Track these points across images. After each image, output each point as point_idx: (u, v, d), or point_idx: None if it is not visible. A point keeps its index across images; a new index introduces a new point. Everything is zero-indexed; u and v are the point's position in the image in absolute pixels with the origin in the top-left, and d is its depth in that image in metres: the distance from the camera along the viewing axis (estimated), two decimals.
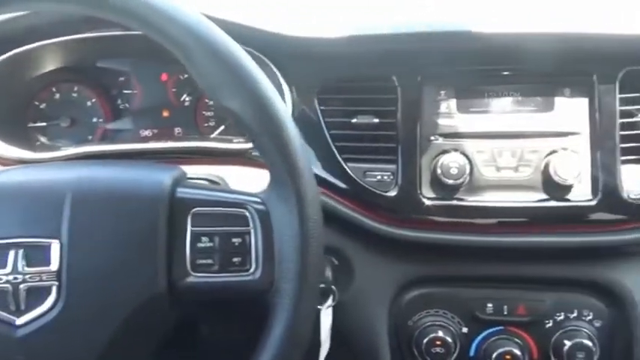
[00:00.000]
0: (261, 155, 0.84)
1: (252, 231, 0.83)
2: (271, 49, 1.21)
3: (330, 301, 1.18)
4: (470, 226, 1.17)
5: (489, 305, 1.21)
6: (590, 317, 1.19)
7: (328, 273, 1.19)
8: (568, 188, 1.14)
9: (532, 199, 1.15)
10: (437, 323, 1.22)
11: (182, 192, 0.85)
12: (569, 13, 1.22)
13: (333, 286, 1.18)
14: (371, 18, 1.27)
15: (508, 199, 1.16)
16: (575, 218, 1.15)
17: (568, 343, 1.15)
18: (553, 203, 1.15)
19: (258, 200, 0.85)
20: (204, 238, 0.81)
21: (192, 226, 0.83)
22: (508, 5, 1.30)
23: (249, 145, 1.22)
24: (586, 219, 1.14)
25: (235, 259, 0.82)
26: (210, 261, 0.82)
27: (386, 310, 1.22)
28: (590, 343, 1.15)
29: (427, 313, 1.23)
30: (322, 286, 1.18)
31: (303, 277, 0.79)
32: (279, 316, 0.78)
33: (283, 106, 0.83)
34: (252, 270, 0.82)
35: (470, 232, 1.16)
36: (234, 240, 0.82)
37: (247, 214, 0.83)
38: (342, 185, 1.19)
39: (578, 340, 1.15)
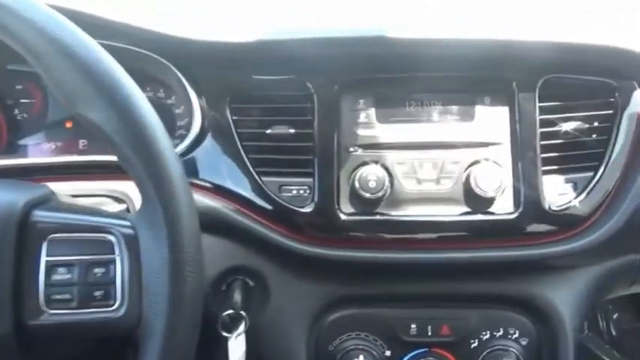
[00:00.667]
0: (128, 171, 0.75)
1: (117, 259, 0.73)
2: (176, 54, 1.13)
3: (240, 329, 1.09)
4: (391, 242, 1.11)
5: (413, 326, 1.16)
6: (516, 335, 1.16)
7: (238, 297, 1.11)
8: (490, 201, 1.10)
9: (454, 212, 1.11)
10: (359, 347, 1.16)
11: (39, 215, 0.75)
12: (491, 19, 1.18)
13: (243, 312, 1.09)
14: (289, 21, 1.21)
15: (429, 213, 1.12)
16: (497, 232, 1.11)
17: None
18: (475, 217, 1.11)
19: (127, 224, 0.75)
20: (61, 269, 0.71)
21: (47, 255, 0.72)
22: (431, 10, 1.26)
23: None
24: (509, 232, 1.11)
25: (97, 293, 0.72)
26: (67, 296, 0.72)
27: (305, 334, 1.15)
28: None
29: (349, 336, 1.17)
30: (231, 312, 1.09)
31: (175, 311, 0.70)
32: (148, 355, 0.69)
33: (152, 115, 0.73)
34: (116, 305, 0.72)
35: (391, 248, 1.11)
36: (96, 270, 0.72)
37: (113, 239, 0.73)
38: (257, 201, 1.12)
39: None
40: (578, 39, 1.10)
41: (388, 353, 1.16)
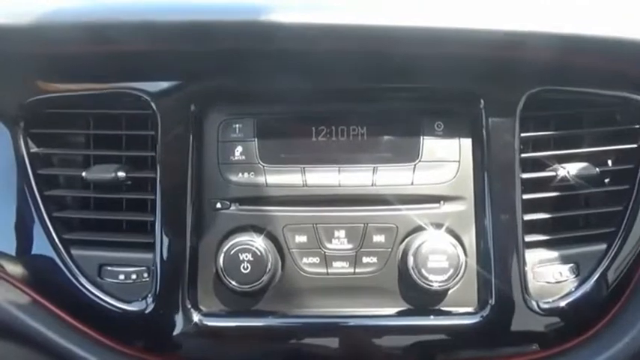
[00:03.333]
0: None
1: None
2: None
3: None
4: None
5: None
6: None
7: None
8: (439, 294, 0.76)
9: (382, 312, 0.78)
10: None
11: None
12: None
13: None
14: None
15: (342, 313, 0.78)
16: (450, 345, 0.78)
17: None
18: (415, 320, 0.78)
19: None
20: None
21: None
22: None
23: None
24: (470, 346, 0.77)
25: None
26: None
27: None
28: None
29: None
30: None
31: None
32: None
33: None
34: None
35: None
36: None
37: None
38: (59, 286, 0.78)
39: None
40: (584, 28, 0.75)
41: None
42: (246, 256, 0.73)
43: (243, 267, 0.73)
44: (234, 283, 0.74)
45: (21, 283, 0.79)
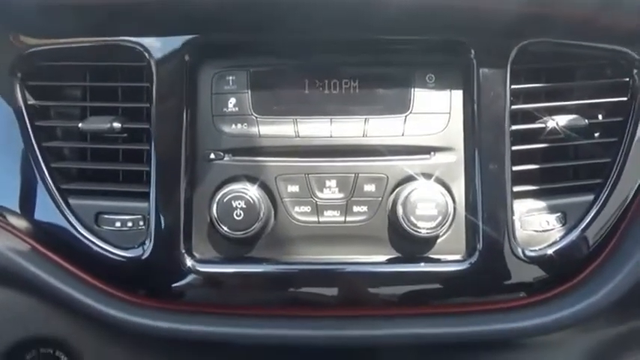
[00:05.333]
0: None
1: None
2: None
3: None
4: (271, 308, 0.79)
5: None
6: None
7: None
8: (428, 242, 0.77)
9: (372, 260, 0.79)
10: None
11: None
12: None
13: None
14: None
15: (333, 260, 0.78)
16: (440, 292, 0.78)
17: None
18: (405, 267, 0.78)
19: None
20: None
21: None
22: None
23: None
24: (458, 292, 0.78)
25: None
26: None
27: None
28: None
29: None
30: None
31: None
32: None
33: None
34: None
35: (272, 319, 0.77)
36: None
37: None
38: (60, 237, 0.79)
39: None
40: None
41: None
42: (239, 204, 0.74)
43: (236, 214, 0.74)
44: (227, 229, 0.74)
45: (20, 232, 0.80)
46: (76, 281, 0.78)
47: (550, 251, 0.76)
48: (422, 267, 0.77)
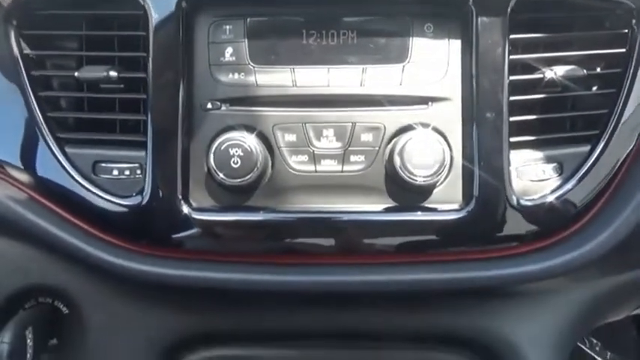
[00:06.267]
0: None
1: None
2: None
3: None
4: (268, 256, 0.79)
5: None
6: None
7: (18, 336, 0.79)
8: (425, 190, 0.77)
9: (369, 209, 0.79)
10: None
11: None
12: None
13: None
14: None
15: (331, 209, 0.78)
16: (437, 240, 0.79)
17: None
18: (402, 216, 0.78)
19: None
20: None
21: None
22: None
23: None
24: (454, 241, 0.79)
25: None
26: None
27: None
28: None
29: None
30: None
31: None
32: None
33: None
34: None
35: (269, 266, 0.78)
36: None
37: None
38: (57, 186, 0.79)
39: None
40: None
41: None
42: (236, 151, 0.74)
43: (233, 162, 0.74)
44: (223, 176, 0.74)
45: (17, 181, 0.80)
46: (74, 229, 0.79)
47: (546, 200, 0.77)
48: (418, 216, 0.77)
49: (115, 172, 0.78)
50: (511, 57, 0.78)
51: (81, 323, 0.83)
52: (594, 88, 0.81)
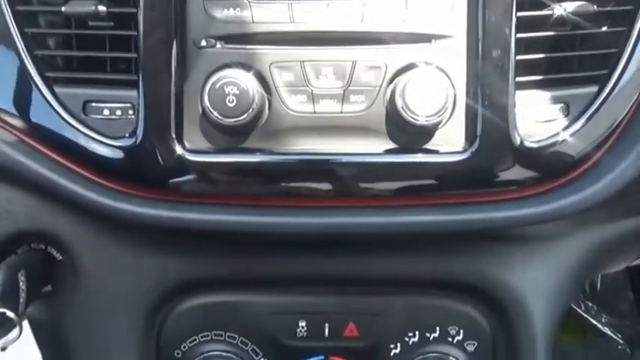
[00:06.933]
0: None
1: None
2: None
3: (11, 335, 0.70)
4: (264, 198, 0.77)
5: (302, 324, 0.84)
6: (459, 337, 0.85)
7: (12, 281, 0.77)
8: (428, 131, 0.74)
9: (369, 150, 0.77)
10: (219, 354, 0.84)
11: None
12: None
13: (8, 312, 0.69)
14: None
15: (329, 150, 0.76)
16: (439, 182, 0.76)
17: None
18: (403, 157, 0.76)
19: None
20: None
21: None
22: None
23: None
24: (457, 182, 0.76)
25: None
26: None
27: (138, 333, 0.85)
28: None
29: (205, 337, 0.85)
30: None
31: None
32: None
33: None
34: None
35: (265, 208, 0.77)
36: None
37: None
38: (45, 126, 0.76)
39: None
40: None
41: None
42: (232, 90, 0.70)
43: (229, 100, 0.70)
44: (218, 115, 0.71)
45: (4, 122, 0.77)
46: (65, 171, 0.76)
47: (551, 142, 0.74)
48: (420, 157, 0.74)
49: (106, 112, 0.75)
50: None
51: (75, 269, 0.82)
52: (604, 27, 0.77)
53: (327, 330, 0.84)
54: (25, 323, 0.80)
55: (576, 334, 1.64)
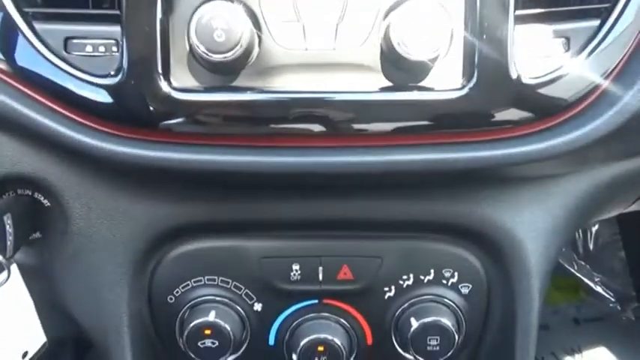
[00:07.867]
0: None
1: None
2: None
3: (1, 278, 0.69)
4: (255, 137, 0.74)
5: (295, 267, 0.82)
6: (454, 280, 0.83)
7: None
8: (424, 68, 0.71)
9: (364, 87, 0.73)
10: (212, 298, 0.82)
11: None
12: None
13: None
14: None
15: (322, 88, 0.72)
16: (434, 120, 0.73)
17: (415, 324, 0.80)
18: (399, 94, 0.72)
19: None
20: None
21: None
22: None
23: None
24: (453, 120, 0.73)
25: None
26: None
27: (129, 279, 0.82)
28: (449, 323, 0.81)
29: (197, 282, 0.83)
30: None
31: None
32: None
33: None
34: None
35: (255, 148, 0.73)
36: None
37: None
38: (25, 65, 0.73)
39: (432, 318, 0.80)
40: None
41: (258, 307, 0.84)
42: (220, 24, 0.66)
43: (217, 35, 0.66)
44: (205, 50, 0.66)
45: None
46: (48, 111, 0.72)
47: (551, 78, 0.71)
48: (416, 95, 0.71)
49: (89, 49, 0.70)
50: None
51: (63, 216, 0.79)
52: None
53: (321, 273, 0.82)
54: (16, 269, 0.79)
55: (569, 292, 1.66)
